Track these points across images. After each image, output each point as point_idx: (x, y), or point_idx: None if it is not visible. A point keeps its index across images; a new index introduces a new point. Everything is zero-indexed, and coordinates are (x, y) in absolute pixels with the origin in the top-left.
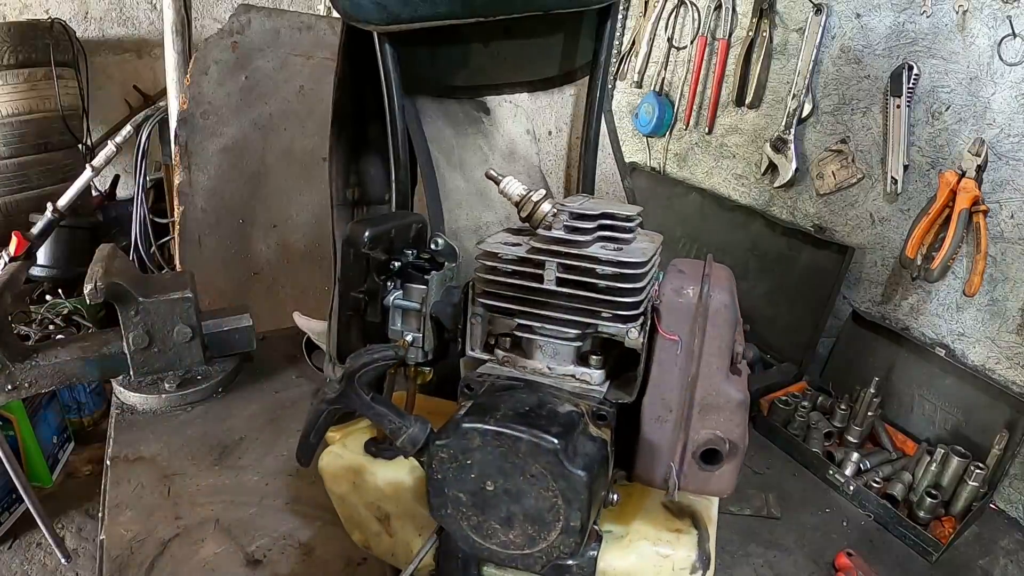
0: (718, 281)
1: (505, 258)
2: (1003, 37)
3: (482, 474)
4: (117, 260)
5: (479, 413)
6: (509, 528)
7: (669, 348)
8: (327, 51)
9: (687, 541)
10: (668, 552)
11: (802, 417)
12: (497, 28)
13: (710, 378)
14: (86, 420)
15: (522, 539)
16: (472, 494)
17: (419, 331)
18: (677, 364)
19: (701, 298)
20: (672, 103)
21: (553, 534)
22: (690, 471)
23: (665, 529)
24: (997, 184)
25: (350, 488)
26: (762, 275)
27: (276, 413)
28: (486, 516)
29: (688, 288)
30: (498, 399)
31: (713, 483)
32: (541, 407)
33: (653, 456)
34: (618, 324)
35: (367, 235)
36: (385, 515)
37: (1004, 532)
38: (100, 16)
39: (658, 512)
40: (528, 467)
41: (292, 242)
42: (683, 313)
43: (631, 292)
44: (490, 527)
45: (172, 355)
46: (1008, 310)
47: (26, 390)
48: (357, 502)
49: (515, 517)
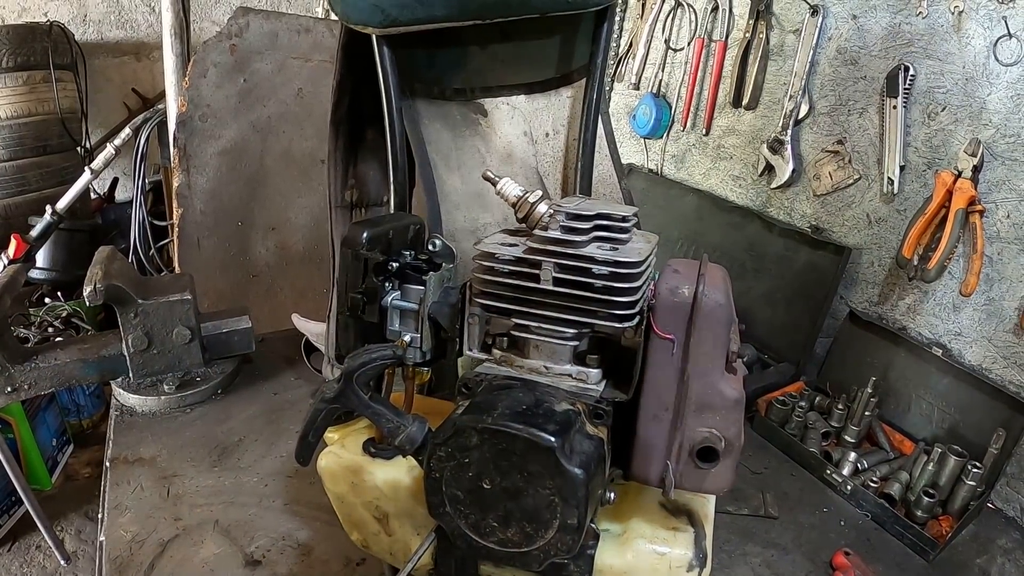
0: (713, 280)
1: (502, 258)
2: (999, 38)
3: (479, 472)
4: (116, 262)
5: (476, 412)
6: (507, 526)
7: (664, 347)
8: (325, 54)
9: (684, 539)
10: (665, 550)
11: (799, 417)
12: (494, 30)
13: (705, 376)
14: (85, 422)
15: (519, 537)
16: (470, 492)
17: (417, 331)
18: (672, 363)
19: (696, 297)
20: (669, 105)
21: (550, 532)
22: (686, 469)
23: (662, 527)
24: (993, 184)
25: (348, 488)
26: (759, 276)
27: (275, 414)
28: (484, 514)
29: (683, 287)
30: (495, 398)
31: (709, 481)
32: (538, 406)
33: (649, 454)
34: (614, 323)
35: (365, 236)
36: (384, 514)
37: (1001, 531)
38: (99, 19)
39: (655, 510)
40: (525, 465)
41: (291, 244)
42: (678, 312)
43: (627, 292)
44: (488, 525)
45: (171, 357)
46: (1004, 309)
47: (25, 392)
48: (355, 501)
49: (512, 515)
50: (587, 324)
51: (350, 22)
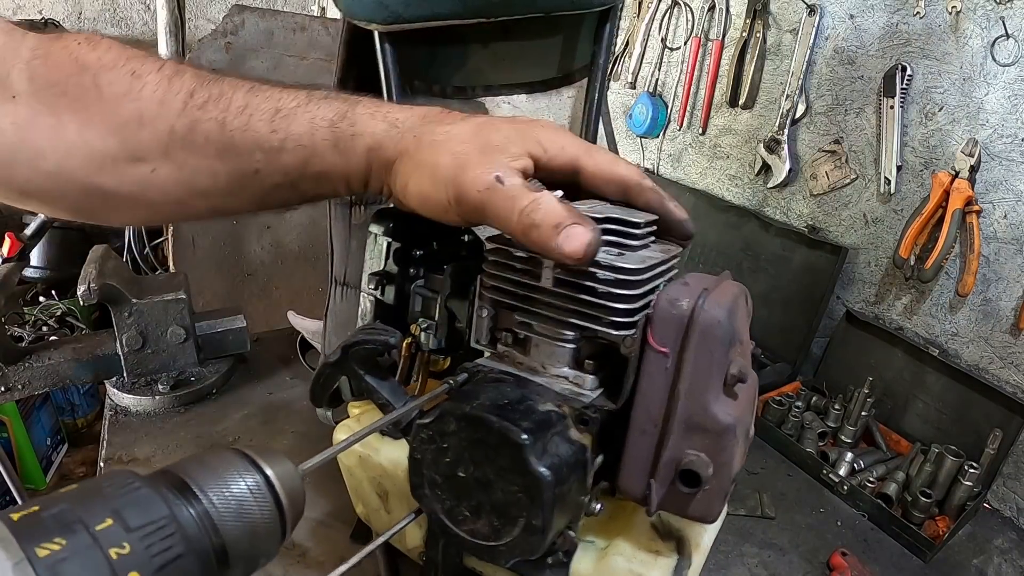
0: (719, 296)
1: (509, 253)
2: (996, 38)
3: (456, 459)
4: (111, 261)
5: (459, 399)
6: (477, 517)
7: (658, 360)
8: (321, 52)
9: (664, 564)
10: (640, 572)
11: (796, 417)
12: (497, 29)
13: (697, 396)
14: (80, 422)
15: (488, 530)
16: (447, 478)
17: (434, 319)
18: (665, 377)
19: (693, 311)
20: (666, 104)
21: (516, 530)
22: (669, 490)
23: (644, 549)
24: (990, 184)
25: (357, 461)
26: (756, 276)
27: (270, 414)
28: (458, 502)
29: (683, 300)
30: (482, 389)
31: (693, 507)
32: (520, 402)
33: (634, 469)
34: (611, 330)
35: (391, 224)
36: (384, 492)
37: (998, 531)
38: (94, 17)
39: (644, 531)
40: (497, 458)
41: (286, 243)
42: (674, 325)
43: (626, 299)
44: (460, 513)
45: (166, 356)
46: (1001, 310)
47: (19, 392)
48: (362, 476)
49: (483, 507)
50: (586, 328)
51: (354, 18)
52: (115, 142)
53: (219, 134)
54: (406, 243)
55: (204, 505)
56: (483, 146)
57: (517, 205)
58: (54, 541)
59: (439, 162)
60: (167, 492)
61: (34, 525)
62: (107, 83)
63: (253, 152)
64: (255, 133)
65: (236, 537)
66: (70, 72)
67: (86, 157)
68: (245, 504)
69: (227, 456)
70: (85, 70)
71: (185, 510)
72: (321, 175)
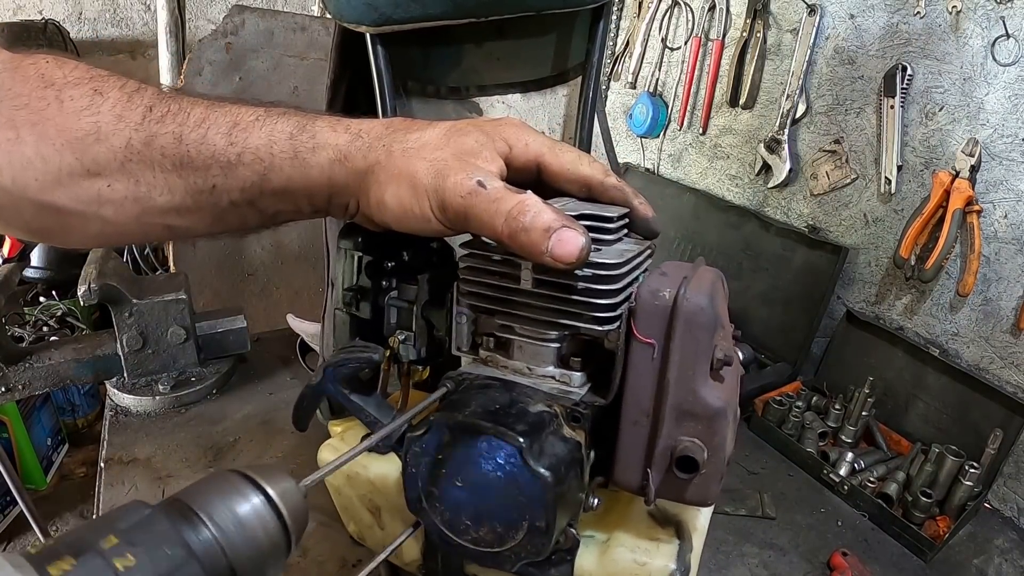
0: (699, 283)
1: (485, 258)
2: (996, 38)
3: (451, 470)
4: (111, 262)
5: (450, 408)
6: (479, 525)
7: (644, 351)
8: (321, 52)
9: (667, 550)
10: (645, 560)
11: (796, 417)
12: (490, 28)
13: (686, 383)
14: (80, 422)
15: (491, 537)
16: (443, 489)
17: (412, 329)
18: (652, 368)
19: (676, 300)
20: (666, 104)
21: (520, 534)
22: (666, 478)
23: (646, 537)
24: (991, 184)
25: (345, 480)
26: (756, 275)
27: (270, 415)
28: (457, 512)
29: (664, 290)
30: (471, 396)
31: (691, 492)
32: (512, 406)
33: (629, 461)
34: (594, 326)
35: (359, 238)
36: (376, 508)
37: (998, 531)
38: (94, 17)
39: (642, 520)
40: (493, 464)
41: (286, 243)
42: (657, 316)
43: (606, 294)
44: (461, 523)
45: (166, 357)
46: (1002, 309)
47: (20, 392)
48: (351, 494)
49: (484, 515)
50: (569, 326)
51: (344, 21)
52: (71, 156)
53: (176, 147)
54: (377, 256)
55: (210, 528)
56: (458, 151)
57: (502, 208)
58: (65, 560)
59: (416, 170)
60: (173, 516)
61: (48, 552)
62: (69, 98)
63: (210, 166)
64: (212, 146)
65: (243, 558)
66: (34, 87)
67: (41, 172)
68: (250, 526)
69: (229, 478)
70: (50, 86)
71: (192, 534)
72: (280, 191)
